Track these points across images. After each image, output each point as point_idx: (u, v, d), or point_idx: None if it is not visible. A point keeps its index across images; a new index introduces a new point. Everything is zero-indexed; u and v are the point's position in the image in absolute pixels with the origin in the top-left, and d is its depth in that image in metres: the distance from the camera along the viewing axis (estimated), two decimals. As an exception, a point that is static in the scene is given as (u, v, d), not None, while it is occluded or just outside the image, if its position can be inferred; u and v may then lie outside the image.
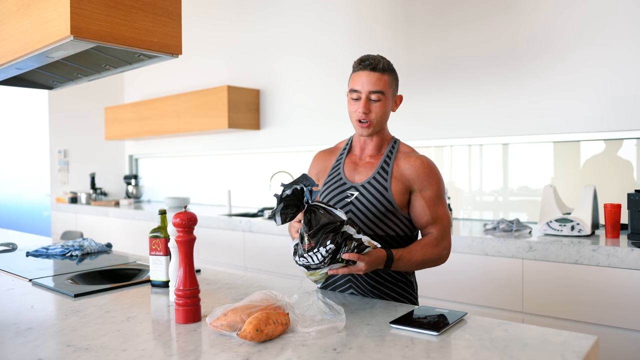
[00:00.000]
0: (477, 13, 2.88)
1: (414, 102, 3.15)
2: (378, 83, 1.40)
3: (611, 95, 2.47)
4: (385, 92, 1.42)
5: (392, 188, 1.44)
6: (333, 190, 1.50)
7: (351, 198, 1.46)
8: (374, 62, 1.41)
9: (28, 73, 2.06)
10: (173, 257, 1.38)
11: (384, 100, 1.43)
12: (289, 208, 1.18)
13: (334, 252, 1.18)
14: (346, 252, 1.20)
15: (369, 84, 1.40)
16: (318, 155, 1.64)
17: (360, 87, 1.42)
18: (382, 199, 1.43)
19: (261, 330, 1.01)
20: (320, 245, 1.17)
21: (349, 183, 1.49)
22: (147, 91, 5.16)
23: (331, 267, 1.23)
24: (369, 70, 1.41)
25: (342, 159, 1.55)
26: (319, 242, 1.17)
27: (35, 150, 5.22)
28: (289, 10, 3.82)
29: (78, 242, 2.22)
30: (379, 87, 1.41)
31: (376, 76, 1.40)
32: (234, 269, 3.33)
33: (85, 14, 1.49)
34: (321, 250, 1.17)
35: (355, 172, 1.51)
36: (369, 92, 1.41)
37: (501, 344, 1.00)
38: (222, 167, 4.47)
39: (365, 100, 1.41)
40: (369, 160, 1.51)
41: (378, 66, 1.41)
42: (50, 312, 1.31)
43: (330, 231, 1.17)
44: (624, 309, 1.90)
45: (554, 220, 2.25)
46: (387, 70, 1.42)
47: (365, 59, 1.42)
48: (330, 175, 1.55)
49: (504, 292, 2.19)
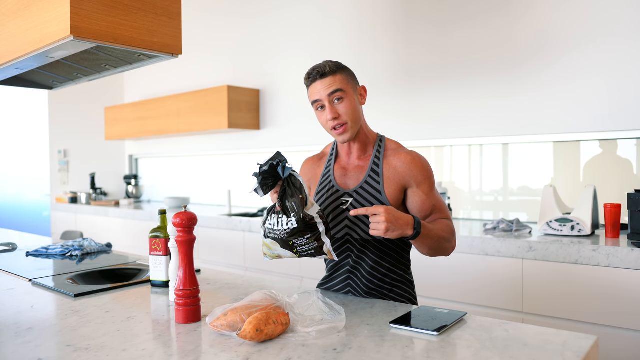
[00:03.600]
0: (478, 12, 2.88)
1: (413, 102, 3.15)
2: (333, 84, 1.41)
3: (611, 95, 2.47)
4: (343, 88, 1.42)
5: (386, 190, 1.43)
6: (327, 199, 1.50)
7: (346, 205, 1.46)
8: (320, 69, 1.42)
9: (28, 73, 2.06)
10: (173, 257, 1.38)
11: (346, 97, 1.42)
12: (268, 179, 1.26)
13: (294, 231, 1.24)
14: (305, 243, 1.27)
15: (324, 89, 1.41)
16: (306, 163, 1.64)
17: (318, 95, 1.42)
18: (377, 203, 1.42)
19: (261, 330, 1.01)
20: (285, 214, 1.25)
21: (342, 190, 1.48)
22: (147, 91, 5.16)
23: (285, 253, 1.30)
24: (319, 79, 1.42)
25: (331, 166, 1.54)
26: (286, 209, 1.25)
27: (35, 150, 5.22)
28: (290, 10, 3.82)
29: (78, 242, 2.22)
30: (335, 86, 1.41)
31: (328, 80, 1.41)
32: (234, 269, 3.33)
33: (85, 14, 1.49)
34: (283, 219, 1.25)
35: (346, 178, 1.50)
36: (328, 96, 1.41)
37: (501, 344, 1.00)
38: (222, 167, 4.47)
39: (329, 105, 1.41)
40: (358, 163, 1.50)
41: (325, 70, 1.41)
42: (50, 312, 1.31)
43: (299, 206, 1.24)
44: (624, 309, 1.90)
45: (554, 220, 2.25)
46: (336, 70, 1.43)
47: (311, 71, 1.44)
48: (321, 184, 1.54)
49: (504, 292, 2.19)
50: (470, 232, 2.46)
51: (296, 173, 1.28)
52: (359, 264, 1.46)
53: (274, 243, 1.30)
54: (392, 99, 3.25)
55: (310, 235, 1.27)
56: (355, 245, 1.46)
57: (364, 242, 1.45)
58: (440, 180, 3.03)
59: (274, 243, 1.30)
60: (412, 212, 1.46)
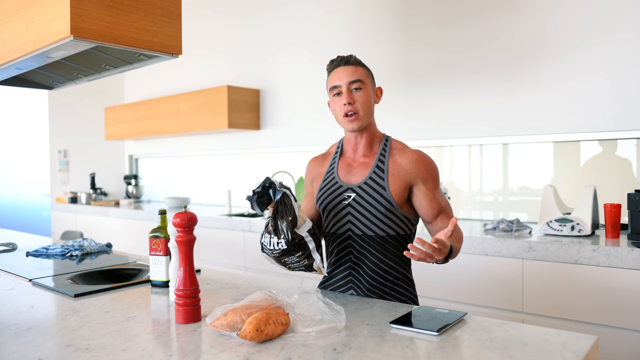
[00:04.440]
0: (478, 11, 2.88)
1: (414, 101, 3.15)
2: (355, 73, 1.45)
3: (611, 95, 2.47)
4: (364, 80, 1.46)
5: (390, 187, 1.43)
6: (330, 195, 1.50)
7: (349, 200, 1.46)
8: (345, 57, 1.48)
9: (28, 73, 2.06)
10: (173, 257, 1.38)
11: (364, 89, 1.46)
12: (263, 197, 1.29)
13: (284, 251, 1.30)
14: (295, 261, 1.32)
15: (346, 76, 1.45)
16: (311, 162, 1.65)
17: (339, 81, 1.46)
18: (381, 199, 1.43)
19: (261, 330, 1.01)
20: (275, 235, 1.29)
21: (345, 185, 1.49)
22: (147, 91, 5.16)
23: (281, 263, 1.37)
24: (343, 65, 1.47)
25: (336, 162, 1.55)
26: (277, 230, 1.29)
27: (35, 150, 5.22)
28: (290, 10, 3.82)
29: (78, 242, 2.22)
30: (357, 76, 1.45)
31: (351, 68, 1.46)
32: (234, 269, 3.33)
33: (85, 14, 1.49)
34: (274, 239, 1.29)
35: (351, 174, 1.50)
36: (348, 83, 1.45)
37: (501, 344, 1.00)
38: (222, 167, 4.47)
39: (347, 91, 1.44)
40: (363, 160, 1.51)
41: (351, 60, 1.48)
42: (50, 312, 1.31)
43: (288, 228, 1.27)
44: (624, 309, 1.90)
45: (554, 220, 2.25)
46: (360, 63, 1.49)
47: (335, 57, 1.49)
48: (325, 180, 1.55)
49: (504, 292, 2.19)
50: (470, 232, 2.46)
51: (289, 192, 1.30)
52: (361, 261, 1.46)
53: (268, 258, 1.38)
54: (392, 99, 3.25)
55: (301, 253, 1.32)
56: (357, 241, 1.46)
57: (365, 238, 1.45)
58: (441, 180, 3.03)
59: (269, 258, 1.38)
60: (419, 209, 1.47)
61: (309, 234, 1.31)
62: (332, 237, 1.52)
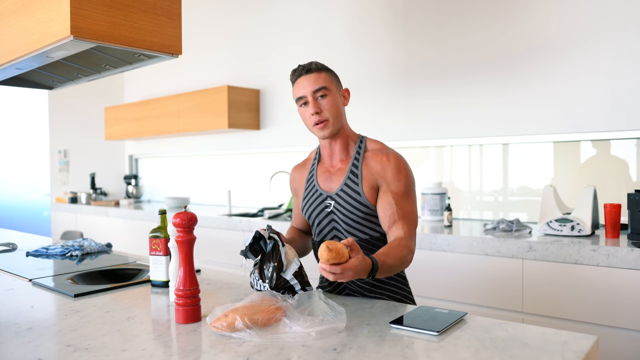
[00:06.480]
0: (478, 11, 2.88)
1: (414, 101, 3.15)
2: (318, 81, 1.44)
3: (611, 95, 2.47)
4: (327, 86, 1.44)
5: (365, 191, 1.43)
6: (312, 204, 1.52)
7: (330, 208, 1.47)
8: (306, 66, 1.46)
9: (28, 73, 2.06)
10: (173, 257, 1.38)
11: (330, 95, 1.44)
12: (254, 245, 1.30)
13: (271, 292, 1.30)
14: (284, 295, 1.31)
15: (309, 85, 1.44)
16: (292, 172, 1.66)
17: (303, 90, 1.44)
18: (358, 205, 1.43)
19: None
20: (261, 279, 1.29)
21: (325, 193, 1.49)
22: (147, 91, 5.16)
23: None
24: (305, 74, 1.45)
25: (314, 170, 1.55)
26: (262, 274, 1.28)
27: (35, 150, 5.22)
28: (290, 10, 3.82)
29: (78, 242, 2.22)
30: (320, 84, 1.44)
31: (314, 76, 1.44)
32: (234, 269, 3.33)
33: (85, 14, 1.49)
34: (260, 282, 1.29)
35: (330, 180, 1.51)
36: (312, 92, 1.43)
37: (501, 344, 1.00)
38: (222, 167, 4.47)
39: (312, 100, 1.43)
40: (340, 166, 1.51)
41: (311, 67, 1.45)
42: (50, 312, 1.31)
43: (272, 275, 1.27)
44: (624, 309, 1.90)
45: (554, 220, 2.25)
46: (321, 68, 1.47)
47: (296, 68, 1.48)
48: (306, 189, 1.56)
49: (504, 292, 2.19)
50: (470, 232, 2.46)
51: (278, 238, 1.29)
52: None
53: None
54: (392, 99, 3.25)
55: (291, 294, 1.30)
56: None
57: None
58: (441, 180, 3.03)
59: None
60: (379, 215, 1.43)
61: (294, 276, 1.28)
62: (320, 244, 1.53)
